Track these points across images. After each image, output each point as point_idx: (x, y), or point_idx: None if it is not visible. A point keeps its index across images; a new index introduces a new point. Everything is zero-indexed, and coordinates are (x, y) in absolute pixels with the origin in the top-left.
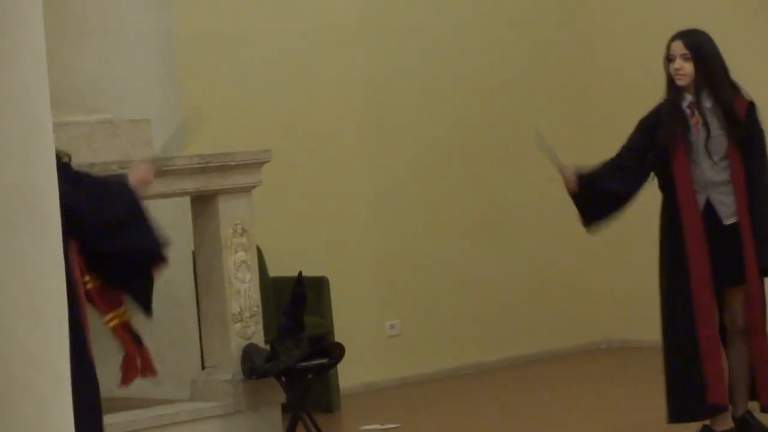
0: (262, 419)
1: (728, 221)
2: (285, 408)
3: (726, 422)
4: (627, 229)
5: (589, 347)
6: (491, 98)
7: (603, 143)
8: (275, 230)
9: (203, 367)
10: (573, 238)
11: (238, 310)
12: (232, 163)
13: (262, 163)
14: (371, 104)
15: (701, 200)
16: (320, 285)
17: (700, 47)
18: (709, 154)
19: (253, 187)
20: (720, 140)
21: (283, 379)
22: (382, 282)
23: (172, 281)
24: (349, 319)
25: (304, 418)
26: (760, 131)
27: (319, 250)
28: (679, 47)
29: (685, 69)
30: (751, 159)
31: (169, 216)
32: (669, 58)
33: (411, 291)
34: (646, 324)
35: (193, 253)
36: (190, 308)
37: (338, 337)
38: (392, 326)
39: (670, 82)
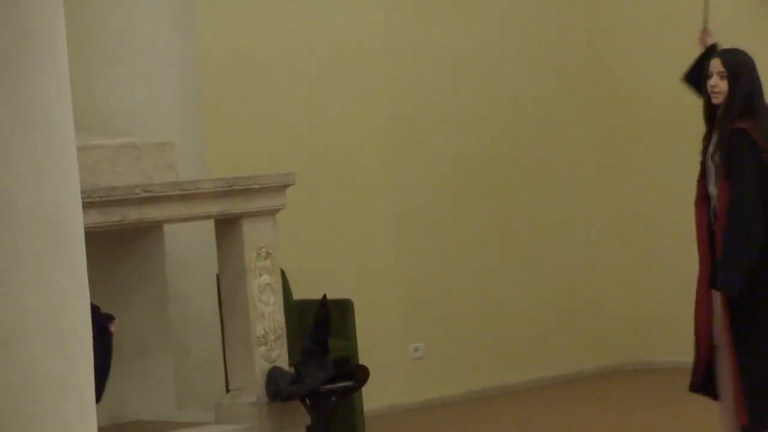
0: None
1: None
2: (309, 431)
3: None
4: (652, 251)
5: (615, 369)
6: (515, 118)
7: (628, 160)
8: (299, 253)
9: (228, 390)
10: (598, 260)
11: (263, 332)
12: (256, 187)
13: (286, 186)
14: (395, 126)
15: (711, 207)
16: (344, 307)
17: (735, 67)
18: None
19: (278, 210)
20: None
21: (308, 401)
22: (406, 304)
23: (196, 304)
24: (373, 342)
25: None
26: (739, 157)
27: (344, 273)
28: (717, 65)
29: (720, 87)
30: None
31: (193, 239)
32: (706, 75)
33: (435, 313)
34: (672, 345)
35: (218, 276)
36: (214, 331)
37: (362, 360)
38: (416, 348)
39: (707, 99)
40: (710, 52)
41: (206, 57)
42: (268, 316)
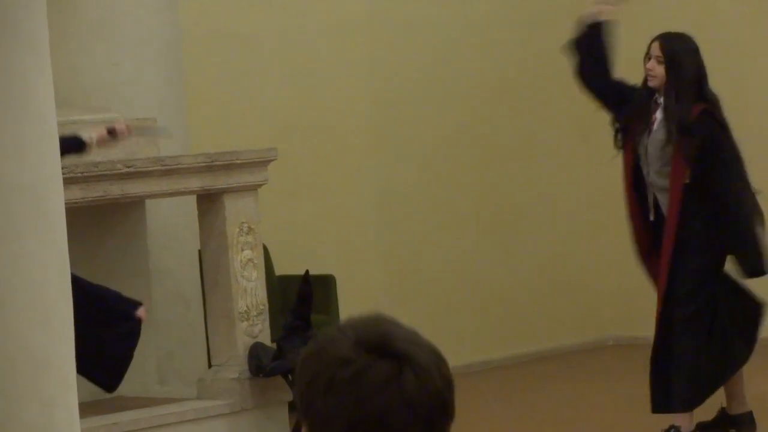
0: (268, 418)
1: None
2: (292, 406)
3: None
4: None
5: (596, 344)
6: (499, 97)
7: (610, 138)
8: (282, 228)
9: (210, 366)
10: (579, 236)
11: (245, 308)
12: (238, 162)
13: (268, 162)
14: (378, 102)
15: (650, 196)
16: (327, 283)
17: (674, 53)
18: (654, 157)
19: (260, 185)
20: (664, 148)
21: (290, 377)
22: (389, 280)
23: (178, 279)
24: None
25: None
26: (712, 137)
27: (326, 249)
28: (655, 48)
29: (656, 71)
30: (710, 170)
31: (175, 215)
32: (647, 56)
33: (417, 289)
34: (650, 320)
35: (200, 252)
36: (196, 307)
37: None
38: None
39: (645, 79)
40: (598, 27)
41: (189, 33)
42: (250, 292)
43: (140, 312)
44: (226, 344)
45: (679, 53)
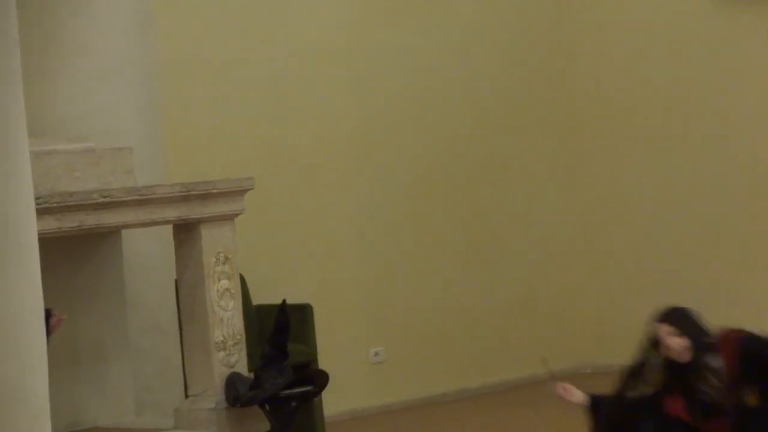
0: None
1: None
2: None
3: None
4: (612, 254)
5: (574, 372)
6: (477, 124)
7: (590, 163)
8: (259, 258)
9: (187, 396)
10: (558, 263)
11: (222, 338)
12: (215, 191)
13: (245, 191)
14: (356, 130)
15: None
16: (304, 312)
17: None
18: None
19: (236, 215)
20: None
21: (267, 407)
22: (366, 309)
23: (155, 309)
24: (333, 347)
25: None
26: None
27: (303, 278)
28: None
29: (680, 343)
30: None
31: (151, 245)
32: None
33: (395, 318)
34: (631, 349)
35: (176, 282)
36: (173, 336)
37: (323, 365)
38: (376, 353)
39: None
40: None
41: (165, 61)
42: (227, 322)
43: (53, 320)
44: (203, 374)
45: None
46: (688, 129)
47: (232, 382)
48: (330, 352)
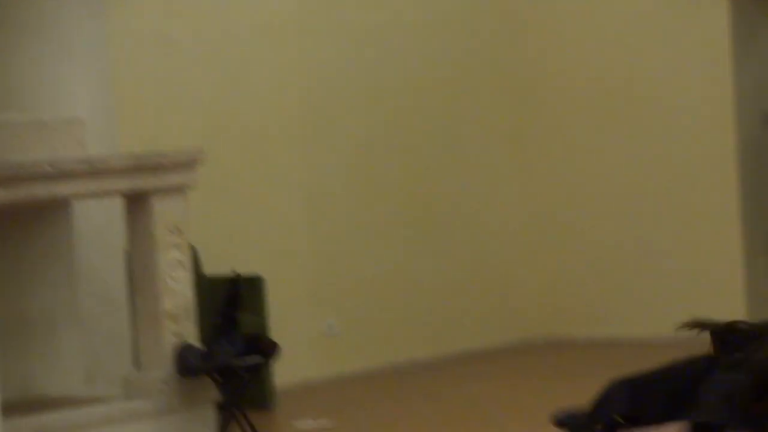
0: (195, 418)
1: None
2: (219, 406)
3: None
4: (564, 225)
5: (526, 343)
6: (426, 97)
7: (541, 135)
8: (210, 229)
9: (136, 366)
10: (509, 235)
11: (172, 308)
12: (166, 163)
13: (196, 163)
14: (306, 104)
15: None
16: (256, 283)
17: None
18: None
19: (187, 186)
20: None
21: (218, 377)
22: (318, 280)
23: (106, 280)
24: (284, 317)
25: (239, 416)
26: None
27: (255, 249)
28: None
29: None
30: None
31: (102, 215)
32: None
33: (346, 289)
34: (583, 320)
35: (127, 253)
36: (123, 307)
37: (273, 335)
38: (327, 324)
39: None
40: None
41: (117, 33)
42: (177, 292)
43: None
44: (153, 345)
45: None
46: (636, 103)
47: (183, 352)
48: (281, 322)
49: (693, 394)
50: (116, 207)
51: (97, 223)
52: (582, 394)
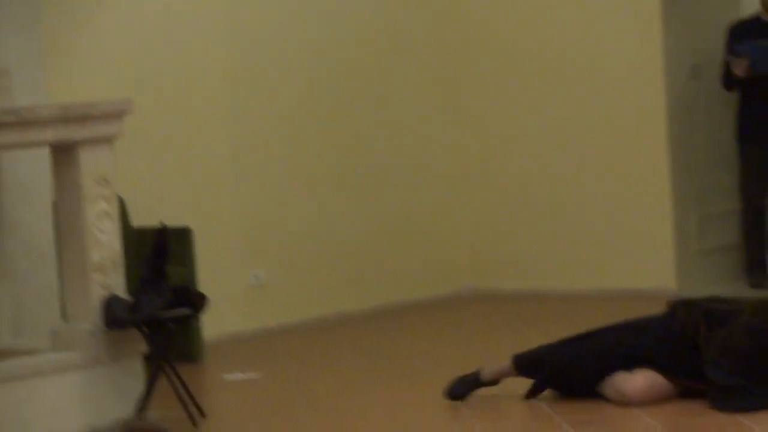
0: (123, 370)
1: None
2: (147, 358)
3: None
4: (491, 179)
5: (452, 296)
6: (357, 50)
7: (470, 91)
8: (138, 181)
9: (64, 318)
10: (437, 190)
11: (100, 260)
12: (94, 113)
13: (123, 113)
14: (234, 56)
15: None
16: (183, 235)
17: None
18: None
19: (115, 137)
20: None
21: (145, 329)
22: (246, 232)
23: (32, 231)
24: (212, 270)
25: (167, 368)
26: None
27: (182, 201)
28: None
29: None
30: None
31: (29, 166)
32: None
33: (274, 241)
34: (510, 273)
35: (54, 204)
36: (51, 259)
37: (202, 288)
38: (256, 276)
39: None
40: None
41: None
42: (105, 244)
43: None
44: (81, 296)
45: None
46: (567, 58)
47: (110, 304)
48: (209, 275)
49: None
50: (44, 158)
51: (25, 174)
52: (510, 346)
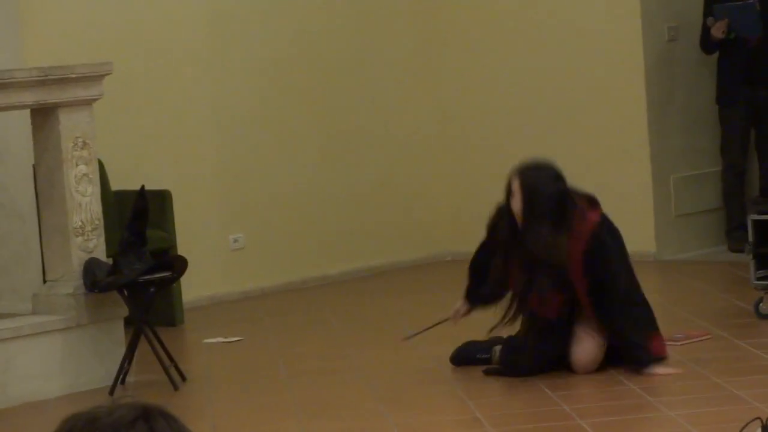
0: (104, 333)
1: None
2: (127, 322)
3: None
4: (471, 143)
5: (434, 259)
6: (335, 13)
7: (449, 54)
8: (118, 143)
9: (44, 281)
10: (417, 152)
11: (80, 223)
12: (73, 76)
13: (103, 76)
14: (213, 18)
15: None
16: (163, 198)
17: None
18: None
19: (94, 99)
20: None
21: (126, 292)
22: (226, 195)
23: (12, 195)
24: (192, 233)
25: (147, 331)
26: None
27: (162, 164)
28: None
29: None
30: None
31: (8, 129)
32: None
33: (254, 204)
34: None
35: (34, 167)
36: (31, 222)
37: (181, 251)
38: (236, 240)
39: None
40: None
41: None
42: (85, 207)
43: None
44: (61, 259)
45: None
46: (546, 20)
47: (90, 267)
48: (189, 238)
49: None
50: (23, 120)
51: (4, 137)
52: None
